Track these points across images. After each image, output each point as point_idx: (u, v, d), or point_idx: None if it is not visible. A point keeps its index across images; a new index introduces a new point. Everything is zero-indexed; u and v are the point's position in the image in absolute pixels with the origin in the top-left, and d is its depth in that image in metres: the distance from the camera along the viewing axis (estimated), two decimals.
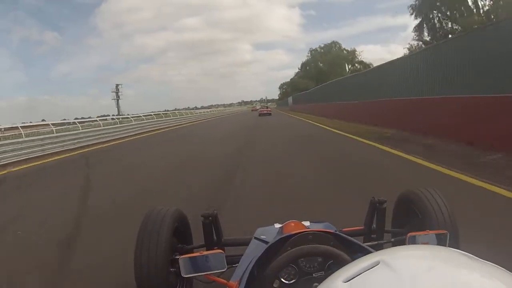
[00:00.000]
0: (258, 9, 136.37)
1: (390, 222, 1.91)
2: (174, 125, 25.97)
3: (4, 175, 7.92)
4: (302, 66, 65.32)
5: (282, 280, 1.04)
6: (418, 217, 1.70)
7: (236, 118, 35.41)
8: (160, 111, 31.88)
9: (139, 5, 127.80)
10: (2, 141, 10.83)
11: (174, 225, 1.69)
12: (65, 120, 20.66)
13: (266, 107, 46.38)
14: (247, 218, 3.15)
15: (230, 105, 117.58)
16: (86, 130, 14.87)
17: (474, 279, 0.49)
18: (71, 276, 2.51)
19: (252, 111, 59.14)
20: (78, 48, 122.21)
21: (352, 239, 1.17)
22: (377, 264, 0.54)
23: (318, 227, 1.45)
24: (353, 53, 58.43)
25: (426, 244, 1.21)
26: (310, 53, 64.05)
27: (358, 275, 0.53)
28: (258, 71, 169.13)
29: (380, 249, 1.70)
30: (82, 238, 3.21)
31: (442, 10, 26.24)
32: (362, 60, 57.23)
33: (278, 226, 1.62)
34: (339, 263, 1.01)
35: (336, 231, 1.34)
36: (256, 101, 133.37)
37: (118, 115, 37.05)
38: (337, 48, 59.87)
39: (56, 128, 13.74)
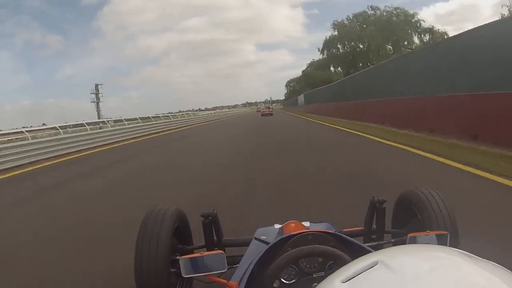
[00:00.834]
0: (261, 9, 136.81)
1: (390, 222, 1.91)
2: (159, 130, 21.25)
3: None
4: (324, 46, 42.14)
5: (282, 280, 1.04)
6: (418, 217, 1.69)
7: (239, 123, 28.24)
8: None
9: (143, 6, 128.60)
10: None
11: (174, 225, 1.69)
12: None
13: (268, 108, 55.86)
14: None
15: (235, 106, 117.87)
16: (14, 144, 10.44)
17: (475, 278, 0.49)
18: None
19: (257, 112, 56.12)
20: (81, 50, 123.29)
21: (352, 240, 1.17)
22: (375, 264, 0.54)
23: (318, 228, 1.45)
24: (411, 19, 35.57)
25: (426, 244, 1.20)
26: (334, 27, 40.78)
27: (357, 276, 0.53)
28: (262, 72, 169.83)
29: (380, 249, 1.69)
30: None
31: None
32: (430, 27, 34.88)
33: (278, 226, 1.63)
34: (339, 264, 1.01)
35: (336, 232, 1.34)
36: (260, 102, 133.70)
37: (99, 120, 30.10)
38: (390, 13, 36.66)
39: None
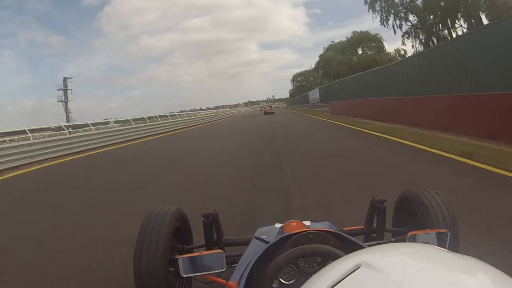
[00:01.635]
0: (264, 8, 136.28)
1: (390, 221, 1.91)
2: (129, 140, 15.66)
3: None
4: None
5: (282, 280, 1.04)
6: (418, 216, 1.69)
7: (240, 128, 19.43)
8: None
9: (145, 6, 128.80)
10: None
11: (174, 225, 1.70)
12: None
13: (270, 107, 56.37)
14: None
15: (236, 105, 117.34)
16: None
17: (460, 276, 0.49)
18: None
19: (261, 111, 52.59)
20: (84, 50, 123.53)
21: (352, 239, 1.17)
22: (358, 267, 0.52)
23: (318, 227, 1.44)
24: None
25: (416, 242, 1.20)
26: None
27: (341, 281, 0.50)
28: (265, 71, 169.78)
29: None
30: None
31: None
32: None
33: (278, 225, 1.62)
34: None
35: (336, 231, 1.33)
36: (262, 101, 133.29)
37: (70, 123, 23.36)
38: None
39: None
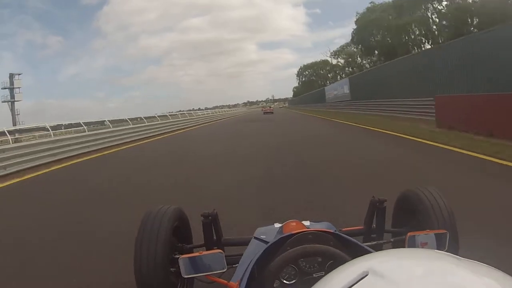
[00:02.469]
0: (264, 8, 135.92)
1: (390, 222, 1.91)
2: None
3: None
4: None
5: (283, 280, 1.04)
6: (418, 216, 1.69)
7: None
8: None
9: (145, 6, 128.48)
10: None
11: (174, 224, 1.70)
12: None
13: (270, 107, 57.08)
14: None
15: (235, 105, 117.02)
16: None
17: (467, 282, 0.48)
18: None
19: (262, 111, 50.54)
20: (83, 50, 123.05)
21: (352, 239, 1.17)
22: (366, 274, 0.51)
23: (318, 227, 1.45)
24: None
25: (417, 244, 1.22)
26: None
27: None
28: (264, 71, 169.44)
29: (380, 249, 1.69)
30: None
31: None
32: None
33: (278, 225, 1.62)
34: (339, 263, 1.01)
35: (336, 231, 1.33)
36: (262, 101, 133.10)
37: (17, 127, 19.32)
38: None
39: None
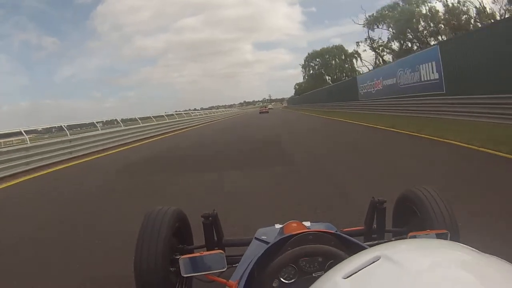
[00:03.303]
0: (259, 7, 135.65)
1: (390, 222, 1.92)
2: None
3: None
4: None
5: (282, 280, 1.04)
6: (418, 216, 1.70)
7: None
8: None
9: (139, 5, 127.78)
10: None
11: (174, 224, 1.70)
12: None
13: (265, 107, 56.85)
14: None
15: (231, 106, 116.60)
16: None
17: (478, 272, 0.49)
18: None
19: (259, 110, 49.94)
20: (78, 51, 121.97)
21: (352, 239, 1.17)
22: (377, 259, 0.52)
23: (318, 227, 1.45)
24: None
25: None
26: None
27: (359, 271, 0.52)
28: (260, 71, 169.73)
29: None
30: None
31: None
32: None
33: (278, 226, 1.62)
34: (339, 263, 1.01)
35: (336, 231, 1.34)
36: (258, 101, 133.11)
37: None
38: None
39: None
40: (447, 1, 26.02)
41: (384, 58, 34.74)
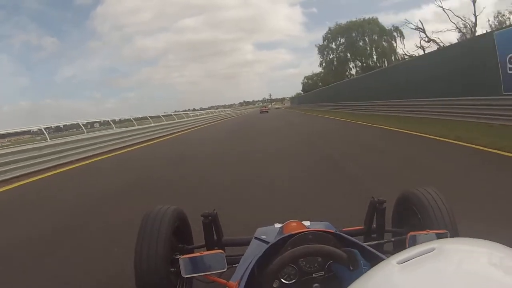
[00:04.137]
0: (260, 8, 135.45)
1: (390, 221, 1.92)
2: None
3: None
4: None
5: (282, 280, 1.04)
6: (418, 216, 1.70)
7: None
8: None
9: (140, 6, 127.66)
10: None
11: (174, 224, 1.70)
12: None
13: (265, 107, 59.71)
14: None
15: (231, 106, 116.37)
16: None
17: None
18: None
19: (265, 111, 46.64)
20: (79, 51, 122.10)
21: (352, 239, 1.17)
22: (432, 250, 0.56)
23: (318, 227, 1.45)
24: None
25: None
26: None
27: (412, 259, 0.56)
28: (260, 71, 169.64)
29: (380, 249, 1.69)
30: None
31: None
32: None
33: (278, 226, 1.63)
34: (339, 263, 1.01)
35: (336, 231, 1.34)
36: (258, 101, 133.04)
37: None
38: None
39: None
40: None
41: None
